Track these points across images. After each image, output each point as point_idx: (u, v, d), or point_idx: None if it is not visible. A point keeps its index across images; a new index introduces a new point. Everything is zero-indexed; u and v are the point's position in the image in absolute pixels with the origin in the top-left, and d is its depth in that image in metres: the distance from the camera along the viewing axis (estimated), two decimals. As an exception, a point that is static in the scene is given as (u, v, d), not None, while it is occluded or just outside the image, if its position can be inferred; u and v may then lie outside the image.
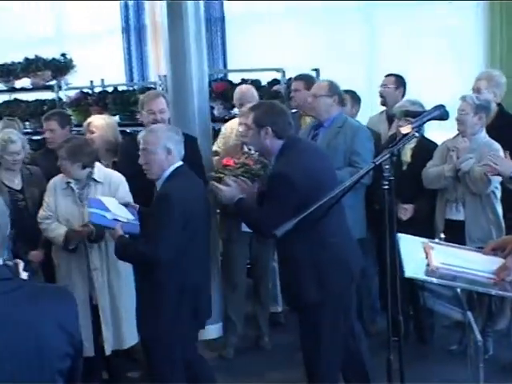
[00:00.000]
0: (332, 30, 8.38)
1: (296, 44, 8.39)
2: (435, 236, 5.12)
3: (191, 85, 5.72)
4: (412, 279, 3.73)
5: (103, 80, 8.68)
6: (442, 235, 5.09)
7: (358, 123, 5.58)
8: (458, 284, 3.58)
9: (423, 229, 4.77)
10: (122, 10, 10.00)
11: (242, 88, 6.38)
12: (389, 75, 6.36)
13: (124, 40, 10.09)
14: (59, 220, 4.80)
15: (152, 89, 7.30)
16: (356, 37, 8.25)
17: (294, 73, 6.66)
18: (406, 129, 3.43)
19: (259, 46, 8.62)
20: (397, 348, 3.42)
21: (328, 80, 5.43)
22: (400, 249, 3.55)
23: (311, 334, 4.09)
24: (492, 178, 4.89)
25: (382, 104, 6.35)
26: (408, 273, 3.48)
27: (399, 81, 6.27)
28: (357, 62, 8.13)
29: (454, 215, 5.16)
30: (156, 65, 9.80)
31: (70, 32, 10.67)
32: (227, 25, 9.11)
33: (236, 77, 7.62)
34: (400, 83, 6.26)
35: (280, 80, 7.03)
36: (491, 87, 5.58)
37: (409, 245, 3.76)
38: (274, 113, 4.14)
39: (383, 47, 8.07)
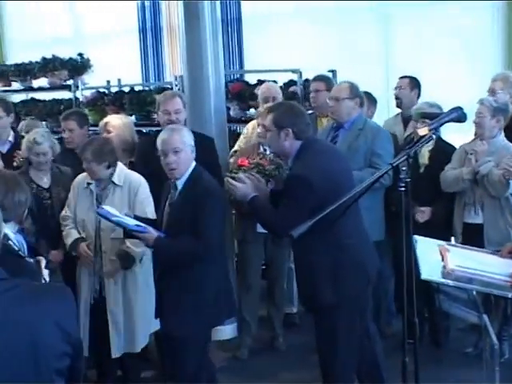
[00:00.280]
0: (347, 31, 8.38)
1: (312, 45, 8.38)
2: (454, 239, 5.14)
3: (208, 85, 5.73)
4: (428, 281, 3.73)
5: (120, 80, 8.70)
6: (453, 240, 5.12)
7: (377, 125, 5.56)
8: (474, 286, 3.58)
9: (440, 232, 4.76)
10: (139, 11, 10.01)
11: (267, 85, 6.36)
12: (403, 77, 6.33)
13: (140, 40, 10.11)
14: (76, 220, 4.84)
15: (168, 89, 7.30)
16: (371, 37, 8.24)
17: (311, 74, 6.65)
18: (423, 131, 3.42)
19: (276, 47, 8.60)
20: (412, 350, 3.42)
21: (348, 82, 5.35)
22: (416, 251, 3.55)
23: (327, 336, 4.08)
24: (511, 181, 4.87)
25: (398, 106, 6.33)
26: (424, 275, 3.48)
27: (414, 82, 6.24)
28: (372, 63, 8.11)
29: (472, 218, 5.13)
30: (172, 65, 9.82)
31: (87, 32, 10.70)
32: (244, 25, 9.11)
33: (252, 77, 7.62)
34: (415, 85, 6.23)
35: (296, 81, 7.02)
36: (507, 88, 5.56)
37: (425, 247, 3.76)
38: (294, 114, 4.11)
39: (398, 48, 8.06)
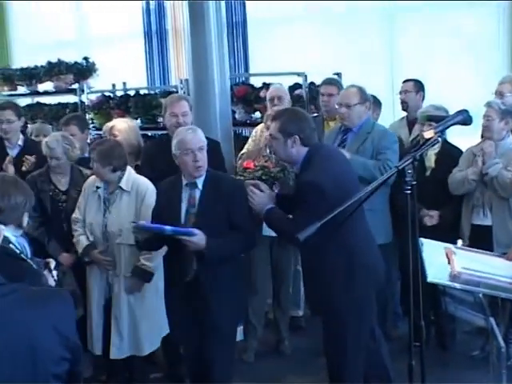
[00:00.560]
0: (352, 33, 8.38)
1: (317, 48, 8.38)
2: (461, 241, 5.13)
3: (213, 88, 5.74)
4: (434, 284, 3.72)
5: (125, 83, 8.72)
6: (460, 242, 5.10)
7: (385, 128, 5.54)
8: (481, 289, 3.57)
9: (447, 234, 4.74)
10: (144, 14, 10.03)
11: (275, 85, 6.36)
12: (407, 81, 6.33)
13: (146, 44, 10.12)
14: (85, 222, 4.85)
15: (173, 92, 7.31)
16: (376, 40, 8.24)
17: (316, 77, 6.64)
18: (429, 133, 3.41)
19: (281, 50, 8.61)
20: (418, 353, 3.41)
21: (356, 86, 5.25)
22: (422, 254, 3.54)
23: (336, 338, 4.07)
24: None
25: (404, 109, 6.32)
26: (430, 278, 3.47)
27: (418, 85, 6.23)
28: (377, 66, 8.12)
29: (481, 220, 5.12)
30: (177, 68, 9.83)
31: (93, 36, 10.73)
32: (249, 29, 9.12)
33: (257, 81, 7.61)
34: (419, 87, 6.22)
35: (302, 84, 7.02)
36: None
37: (431, 250, 3.75)
38: (300, 120, 4.05)
39: (403, 50, 8.06)
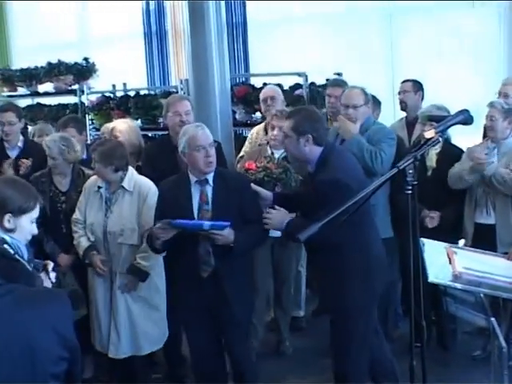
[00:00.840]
0: (352, 34, 8.38)
1: (317, 48, 8.38)
2: (464, 241, 5.13)
3: (213, 89, 5.74)
4: (435, 284, 3.71)
5: (125, 84, 8.71)
6: (462, 242, 5.10)
7: (383, 125, 5.53)
8: (482, 289, 3.56)
9: (448, 234, 4.73)
10: (144, 15, 10.03)
11: (268, 86, 6.39)
12: (405, 81, 6.32)
13: (146, 44, 10.12)
14: (86, 222, 4.84)
15: (173, 93, 7.31)
16: (376, 40, 8.24)
17: (316, 77, 6.64)
18: (430, 133, 3.40)
19: (281, 50, 8.62)
20: (419, 353, 3.40)
21: (358, 87, 5.23)
22: (423, 254, 3.53)
23: (345, 335, 4.08)
24: None
25: (403, 109, 6.31)
26: (431, 277, 3.46)
27: (416, 85, 6.22)
28: (377, 66, 8.11)
29: (484, 219, 5.11)
30: (177, 69, 9.83)
31: (92, 36, 10.73)
32: (249, 29, 9.12)
33: (258, 81, 7.62)
34: (418, 87, 6.22)
35: (302, 84, 7.02)
36: None
37: (432, 250, 3.74)
38: (314, 119, 4.09)
39: (403, 50, 8.05)
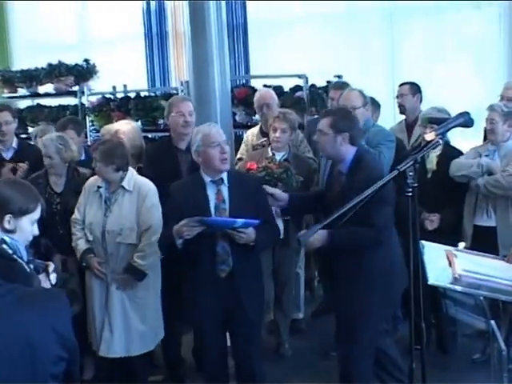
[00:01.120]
0: (353, 36, 8.40)
1: (318, 50, 8.38)
2: (464, 243, 5.13)
3: (213, 90, 5.73)
4: (435, 287, 3.71)
5: (126, 85, 8.71)
6: (462, 245, 5.09)
7: (382, 127, 5.53)
8: (482, 292, 3.56)
9: (448, 237, 4.73)
10: (144, 16, 10.03)
11: (261, 91, 6.41)
12: (403, 84, 6.34)
13: (146, 46, 10.12)
14: (85, 222, 4.84)
15: (174, 94, 7.31)
16: (377, 42, 8.25)
17: (316, 79, 6.63)
18: (430, 136, 3.40)
19: (281, 52, 8.62)
20: (419, 356, 3.40)
21: (356, 89, 5.24)
22: (423, 256, 3.53)
23: (355, 338, 4.10)
24: None
25: (401, 112, 6.32)
26: (431, 280, 3.46)
27: (414, 88, 6.24)
28: (378, 68, 8.12)
29: (485, 221, 5.12)
30: (177, 70, 9.82)
31: (93, 38, 10.72)
32: (249, 30, 9.13)
33: (258, 83, 7.63)
34: (415, 90, 6.23)
35: (302, 86, 7.02)
36: None
37: (432, 252, 3.74)
38: (351, 119, 4.18)
39: (404, 53, 8.06)
